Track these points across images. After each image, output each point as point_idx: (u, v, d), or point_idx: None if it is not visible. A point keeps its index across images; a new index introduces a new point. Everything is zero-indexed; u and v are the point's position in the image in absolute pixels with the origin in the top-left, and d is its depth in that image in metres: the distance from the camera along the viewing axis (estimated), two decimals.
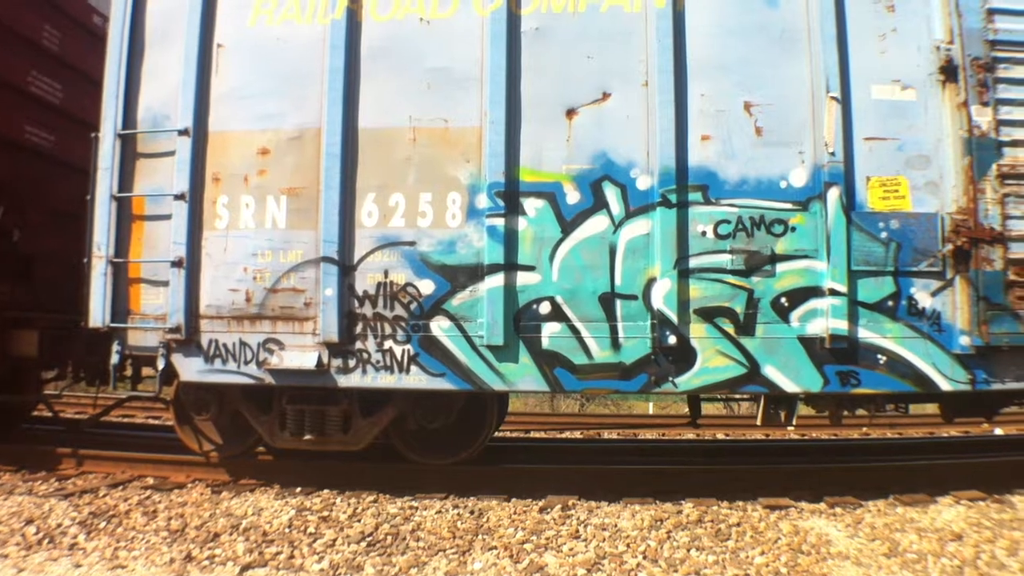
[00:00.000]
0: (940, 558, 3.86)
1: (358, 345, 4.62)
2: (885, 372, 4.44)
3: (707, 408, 9.67)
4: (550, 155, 4.58)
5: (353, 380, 4.61)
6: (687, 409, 5.31)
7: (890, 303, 4.45)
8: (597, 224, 4.52)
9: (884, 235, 4.48)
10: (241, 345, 4.71)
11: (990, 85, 4.61)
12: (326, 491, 4.86)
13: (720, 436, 7.71)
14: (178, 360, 4.78)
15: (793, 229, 4.48)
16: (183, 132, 4.81)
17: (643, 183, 4.52)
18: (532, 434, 7.55)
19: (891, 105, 4.58)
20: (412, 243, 4.60)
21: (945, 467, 5.05)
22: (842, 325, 4.40)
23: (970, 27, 4.64)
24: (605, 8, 4.66)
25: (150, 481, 5.19)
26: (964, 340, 4.45)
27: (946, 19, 4.66)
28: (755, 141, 4.53)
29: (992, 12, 4.68)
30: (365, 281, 4.63)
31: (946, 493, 4.75)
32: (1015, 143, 4.60)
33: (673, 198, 4.48)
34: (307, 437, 4.79)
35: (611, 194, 4.52)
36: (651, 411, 11.19)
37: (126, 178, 4.90)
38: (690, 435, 7.41)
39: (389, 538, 4.19)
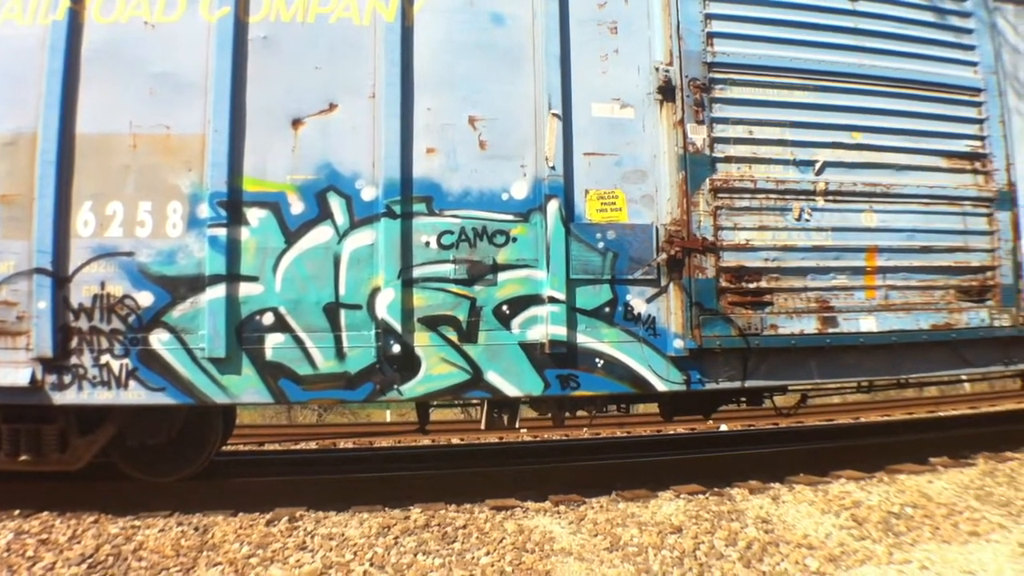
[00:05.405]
0: (660, 550, 4.03)
1: (74, 360, 4.41)
2: (603, 375, 4.65)
3: (445, 414, 9.86)
4: (275, 165, 4.53)
5: (69, 397, 4.40)
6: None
7: (607, 309, 4.67)
8: (321, 234, 4.51)
9: (601, 245, 4.69)
10: None
11: (706, 104, 4.92)
12: (45, 513, 4.61)
13: (455, 441, 7.84)
14: None
15: (514, 240, 4.62)
16: None
17: (368, 194, 4.55)
18: (266, 446, 7.50)
19: (610, 122, 4.81)
20: (130, 253, 4.44)
21: (667, 463, 5.33)
22: (561, 331, 4.58)
23: (690, 49, 4.94)
24: (334, 19, 4.67)
25: None
26: (678, 343, 4.72)
27: (667, 41, 4.94)
28: (479, 154, 4.65)
29: (712, 36, 5.01)
30: (81, 293, 4.43)
31: (667, 488, 5.00)
32: (728, 159, 4.93)
33: (398, 209, 4.53)
34: (23, 458, 4.53)
35: (336, 205, 4.53)
36: (389, 419, 11.37)
37: None
38: (426, 441, 7.51)
39: (111, 559, 4.03)
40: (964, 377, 9.22)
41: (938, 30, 5.49)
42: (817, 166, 5.03)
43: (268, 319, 4.46)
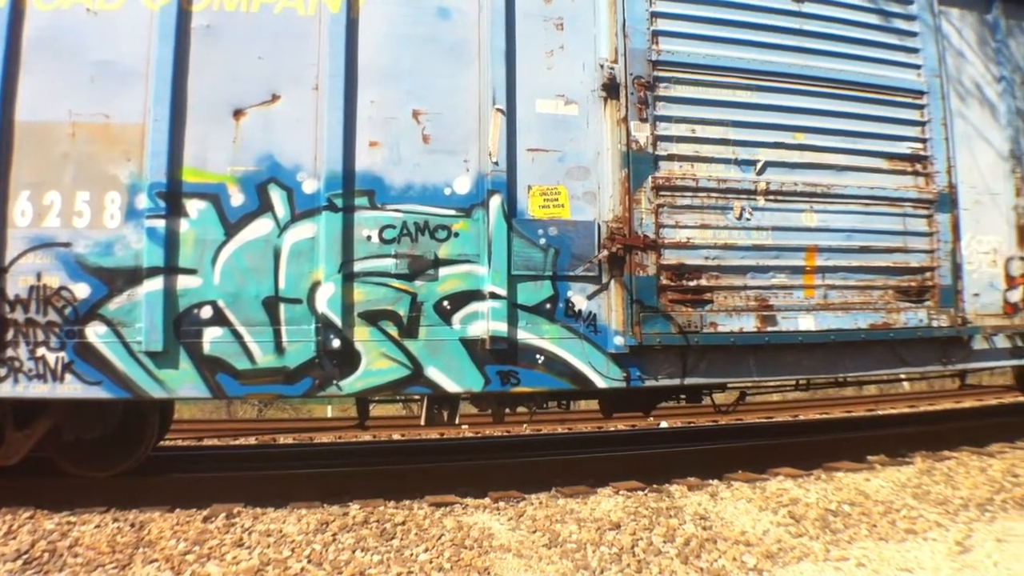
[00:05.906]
0: (599, 547, 4.04)
1: (9, 353, 4.35)
2: (544, 371, 4.68)
3: (386, 409, 9.85)
4: (215, 156, 4.50)
5: (4, 390, 4.34)
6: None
7: (548, 306, 4.70)
8: (262, 227, 4.49)
9: (543, 241, 4.72)
10: None
11: (650, 102, 4.95)
12: None
13: (396, 437, 7.81)
14: None
15: (456, 235, 4.63)
16: None
17: (309, 187, 4.54)
18: (205, 441, 7.41)
19: (554, 119, 4.84)
20: (68, 244, 4.39)
21: (607, 459, 5.37)
22: (502, 327, 4.60)
23: (635, 47, 4.97)
24: (279, 9, 4.64)
25: None
26: (619, 340, 4.76)
27: (612, 39, 4.97)
28: (422, 148, 4.66)
29: (658, 34, 5.04)
30: (17, 284, 4.37)
31: (606, 484, 5.04)
32: (670, 157, 4.98)
33: (339, 202, 4.52)
34: None
35: (277, 197, 4.51)
36: (330, 414, 11.33)
37: None
38: (366, 437, 7.48)
39: (46, 555, 3.98)
40: (903, 376, 9.38)
41: (883, 33, 5.58)
42: (758, 166, 5.09)
43: (206, 312, 4.44)
